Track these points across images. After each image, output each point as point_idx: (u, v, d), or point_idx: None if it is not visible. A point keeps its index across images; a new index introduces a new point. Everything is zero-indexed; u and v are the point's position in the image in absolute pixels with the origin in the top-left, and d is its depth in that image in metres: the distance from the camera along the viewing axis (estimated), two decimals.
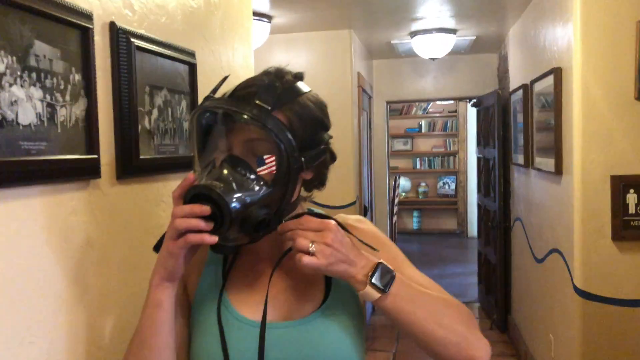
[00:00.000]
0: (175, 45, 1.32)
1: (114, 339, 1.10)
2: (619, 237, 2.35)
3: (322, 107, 0.96)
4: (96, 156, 1.02)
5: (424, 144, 9.22)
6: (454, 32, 4.23)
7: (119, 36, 1.10)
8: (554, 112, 2.69)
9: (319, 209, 1.03)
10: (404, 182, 9.10)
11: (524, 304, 3.79)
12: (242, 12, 1.84)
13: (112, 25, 1.09)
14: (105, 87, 1.08)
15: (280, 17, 3.67)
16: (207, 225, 0.81)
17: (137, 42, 1.15)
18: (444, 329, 0.88)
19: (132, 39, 1.13)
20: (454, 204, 9.05)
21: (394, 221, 6.46)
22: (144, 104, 1.19)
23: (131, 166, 1.14)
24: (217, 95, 0.92)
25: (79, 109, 0.98)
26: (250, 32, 1.92)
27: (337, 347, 0.91)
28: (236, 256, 1.00)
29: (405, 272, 0.96)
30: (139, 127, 1.16)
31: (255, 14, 2.78)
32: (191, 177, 0.85)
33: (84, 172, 1.00)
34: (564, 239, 2.67)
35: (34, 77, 0.88)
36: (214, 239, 0.81)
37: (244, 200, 0.83)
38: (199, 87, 1.44)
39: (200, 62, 1.46)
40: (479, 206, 5.24)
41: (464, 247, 8.01)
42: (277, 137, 0.84)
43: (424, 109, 9.14)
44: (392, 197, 6.26)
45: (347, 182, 4.05)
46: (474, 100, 5.24)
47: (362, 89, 4.54)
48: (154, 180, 1.26)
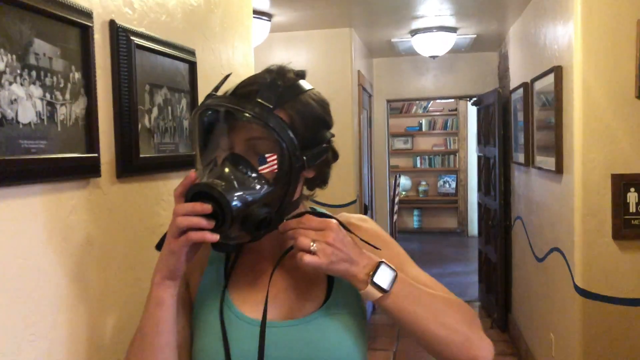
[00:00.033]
0: (175, 43, 1.32)
1: (114, 337, 1.09)
2: (620, 236, 2.35)
3: (324, 105, 0.95)
4: (96, 155, 1.02)
5: (425, 143, 9.21)
6: (454, 30, 4.22)
7: (118, 34, 1.10)
8: (555, 111, 2.69)
9: (322, 209, 1.03)
10: (405, 181, 9.10)
11: (525, 303, 3.79)
12: (242, 11, 1.84)
13: (112, 23, 1.09)
14: (105, 85, 1.08)
15: (280, 16, 3.67)
16: (209, 223, 0.81)
17: (137, 40, 1.14)
18: (446, 328, 0.87)
19: (132, 37, 1.13)
20: (454, 202, 9.05)
21: (394, 220, 6.45)
22: (144, 102, 1.19)
23: (131, 165, 1.14)
24: (219, 93, 0.92)
25: (78, 108, 0.98)
26: (250, 31, 1.92)
27: (339, 346, 0.90)
28: (238, 255, 1.00)
29: (407, 271, 0.95)
30: (139, 126, 1.16)
31: (255, 12, 2.77)
32: (193, 175, 0.85)
33: (84, 171, 1.00)
34: (564, 237, 2.67)
35: (34, 75, 0.87)
36: (215, 237, 0.81)
37: (245, 198, 0.83)
38: (199, 85, 1.43)
39: (200, 61, 1.46)
40: (480, 205, 5.24)
41: (465, 246, 8.01)
42: (279, 136, 0.84)
43: (424, 108, 9.14)
44: (392, 195, 6.26)
45: (347, 181, 4.04)
46: (475, 98, 5.24)
47: (362, 88, 4.53)
48: (154, 179, 1.26)
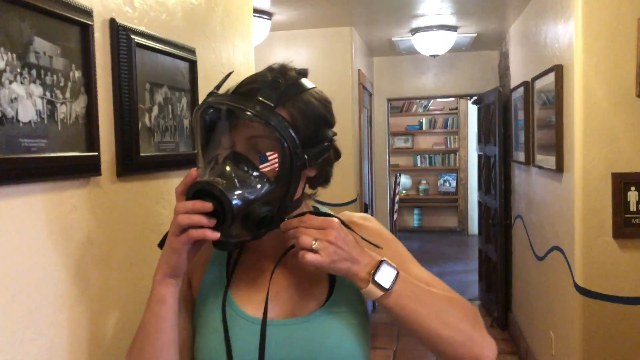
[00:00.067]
0: (175, 42, 1.32)
1: (115, 335, 1.09)
2: (620, 235, 2.35)
3: (326, 103, 0.95)
4: (96, 153, 1.02)
5: (425, 142, 9.21)
6: (454, 29, 4.22)
7: (119, 33, 1.10)
8: (555, 110, 2.69)
9: (325, 208, 1.03)
10: (405, 180, 9.09)
11: (525, 302, 3.79)
12: (242, 9, 1.84)
13: (112, 22, 1.09)
14: (105, 84, 1.07)
15: (280, 14, 3.67)
16: (209, 221, 0.81)
17: (137, 39, 1.14)
18: (448, 327, 0.87)
19: (132, 36, 1.13)
20: (454, 201, 9.05)
21: (395, 219, 6.46)
22: (144, 101, 1.19)
23: (131, 164, 1.14)
24: (221, 91, 0.92)
25: (79, 106, 0.98)
26: (250, 29, 1.92)
27: (340, 345, 0.90)
28: (240, 253, 1.00)
29: (410, 270, 0.95)
30: (139, 125, 1.16)
31: (255, 11, 2.77)
32: (194, 173, 0.85)
33: (84, 170, 1.00)
34: (564, 236, 2.67)
35: (34, 74, 0.87)
36: (215, 235, 0.81)
37: (246, 197, 0.83)
38: (200, 84, 1.43)
39: (200, 59, 1.46)
40: (480, 204, 5.24)
41: (465, 245, 8.01)
42: (280, 134, 0.84)
43: (425, 107, 9.14)
44: (392, 194, 6.26)
45: (347, 180, 4.04)
46: (475, 97, 5.23)
47: (363, 86, 4.53)
48: (155, 177, 1.26)
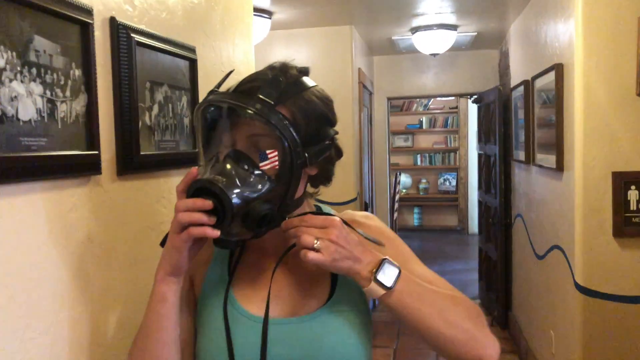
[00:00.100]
0: (175, 40, 1.32)
1: (116, 334, 1.09)
2: (620, 234, 2.35)
3: (327, 102, 0.95)
4: (97, 152, 1.02)
5: (425, 141, 9.21)
6: (454, 28, 4.22)
7: (119, 31, 1.09)
8: (555, 109, 2.69)
9: (327, 207, 1.03)
10: (405, 179, 9.10)
11: (525, 301, 3.79)
12: (242, 8, 1.84)
13: (112, 20, 1.09)
14: (105, 82, 1.07)
15: (280, 13, 3.67)
16: (210, 219, 0.81)
17: (137, 37, 1.14)
18: (451, 326, 0.87)
19: (132, 35, 1.13)
20: (454, 200, 9.05)
21: (395, 218, 6.46)
22: (144, 99, 1.19)
23: (132, 162, 1.13)
24: (221, 90, 0.92)
25: (79, 105, 0.98)
26: (250, 28, 1.91)
27: (342, 343, 0.90)
28: (242, 252, 1.00)
29: (412, 268, 0.95)
30: (140, 123, 1.16)
31: (255, 10, 2.77)
32: (194, 171, 0.85)
33: (84, 168, 1.00)
34: (565, 235, 2.67)
35: (34, 72, 0.87)
36: (216, 232, 0.81)
37: (246, 194, 0.83)
38: (200, 82, 1.43)
39: (200, 58, 1.45)
40: (480, 203, 5.24)
41: (465, 244, 8.01)
42: (280, 132, 0.84)
43: (425, 106, 9.13)
44: (392, 193, 6.26)
45: (347, 179, 4.04)
46: (475, 96, 5.23)
47: (363, 85, 4.53)
48: (155, 176, 1.26)
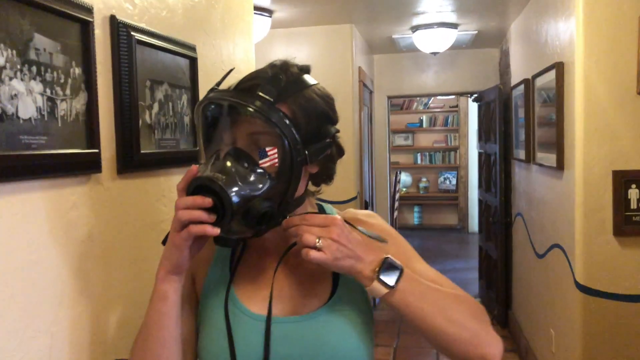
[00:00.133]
0: (176, 39, 1.32)
1: (116, 332, 1.10)
2: (621, 233, 2.35)
3: (328, 100, 0.95)
4: (97, 150, 1.02)
5: (425, 139, 9.20)
6: (455, 26, 4.21)
7: (119, 30, 1.09)
8: (556, 107, 2.69)
9: (330, 207, 1.03)
10: (405, 178, 9.09)
11: (525, 299, 3.79)
12: (242, 6, 1.83)
13: (112, 18, 1.09)
14: (105, 81, 1.07)
15: (280, 12, 3.66)
16: (209, 217, 0.81)
17: (137, 35, 1.14)
18: (454, 325, 0.86)
19: (132, 33, 1.12)
20: (454, 199, 9.05)
21: (395, 216, 6.46)
22: (144, 98, 1.19)
23: (132, 161, 1.13)
24: (222, 88, 0.92)
25: (79, 103, 0.98)
26: (251, 27, 1.91)
27: (343, 342, 0.90)
28: (244, 251, 1.00)
29: (415, 267, 0.95)
30: (140, 122, 1.16)
31: (255, 9, 2.77)
32: (194, 169, 0.85)
33: (84, 167, 1.00)
34: (565, 234, 2.67)
35: (34, 70, 0.87)
36: (216, 230, 0.81)
37: (246, 192, 0.82)
38: (200, 81, 1.43)
39: (201, 56, 1.45)
40: (480, 201, 5.24)
41: (465, 243, 8.01)
42: (280, 130, 0.84)
43: (425, 104, 9.13)
44: (392, 192, 6.26)
45: (348, 177, 4.04)
46: (475, 95, 5.23)
47: (363, 84, 4.52)
48: (155, 174, 1.26)
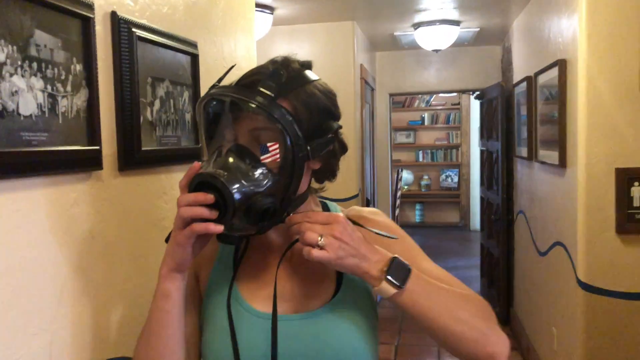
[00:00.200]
0: (177, 35, 1.31)
1: (117, 330, 1.09)
2: (623, 230, 2.34)
3: (330, 96, 0.94)
4: (98, 147, 1.01)
5: (427, 137, 9.19)
6: (457, 23, 4.20)
7: (120, 26, 1.09)
8: (558, 105, 2.68)
9: (334, 204, 1.02)
10: (407, 175, 9.08)
11: (527, 297, 3.79)
12: (244, 3, 1.83)
13: (113, 15, 1.08)
14: (106, 77, 1.07)
15: (282, 9, 3.65)
16: (211, 213, 0.80)
17: (138, 32, 1.14)
18: (462, 324, 0.86)
19: (133, 29, 1.12)
20: (456, 197, 9.04)
21: (396, 214, 6.45)
22: (145, 95, 1.18)
23: (133, 158, 1.13)
24: (223, 84, 0.91)
25: (80, 100, 0.98)
26: (252, 23, 1.91)
27: (346, 341, 0.90)
28: (247, 249, 1.00)
29: (421, 265, 0.94)
30: (141, 119, 1.16)
31: (257, 5, 2.76)
32: (196, 166, 0.84)
33: (85, 164, 0.99)
34: (567, 232, 2.66)
35: (35, 67, 0.87)
36: (219, 228, 0.81)
37: (248, 188, 0.82)
38: (201, 78, 1.43)
39: (202, 53, 1.45)
40: (482, 199, 5.23)
41: (467, 240, 8.00)
42: (282, 125, 0.83)
43: (427, 102, 9.11)
44: (394, 190, 6.26)
45: (349, 175, 4.04)
46: (477, 92, 5.22)
47: (365, 81, 4.52)
48: (157, 172, 1.25)
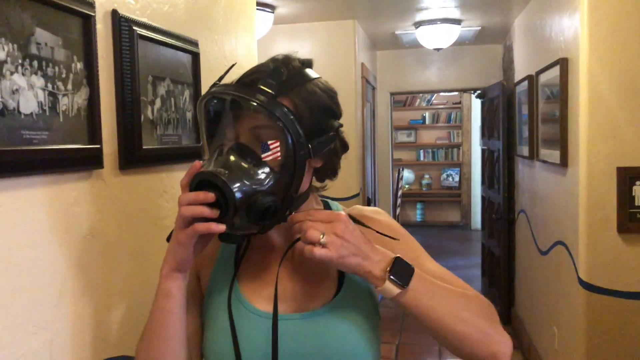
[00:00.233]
0: (178, 34, 1.31)
1: (118, 329, 1.09)
2: (625, 229, 2.34)
3: (331, 94, 0.94)
4: (98, 146, 1.01)
5: (428, 136, 9.18)
6: (458, 22, 4.19)
7: (121, 24, 1.09)
8: (560, 103, 2.67)
9: (336, 204, 1.02)
10: (408, 174, 9.08)
11: (528, 297, 3.79)
12: (245, 2, 1.82)
13: (114, 13, 1.08)
14: (107, 76, 1.07)
15: (283, 7, 3.65)
16: (212, 212, 0.80)
17: (139, 30, 1.13)
18: (464, 324, 0.85)
19: (134, 28, 1.12)
20: (457, 196, 9.03)
21: (397, 213, 6.45)
22: (146, 93, 1.18)
23: (134, 156, 1.13)
24: (225, 83, 0.91)
25: (81, 98, 0.97)
26: (253, 22, 1.90)
27: (347, 341, 0.90)
28: (248, 248, 0.99)
29: (423, 264, 0.94)
30: (142, 117, 1.15)
31: (258, 4, 2.76)
32: (197, 164, 0.84)
33: (86, 162, 0.99)
34: (568, 231, 2.66)
35: (36, 65, 0.86)
36: (221, 227, 0.80)
37: (249, 186, 0.82)
38: (202, 77, 1.42)
39: (203, 52, 1.45)
40: (483, 198, 5.23)
41: (468, 239, 8.00)
42: (282, 123, 0.83)
43: (428, 101, 9.10)
44: (395, 189, 6.25)
45: (350, 174, 4.03)
46: (479, 91, 5.21)
47: (366, 80, 4.51)
48: (157, 170, 1.25)
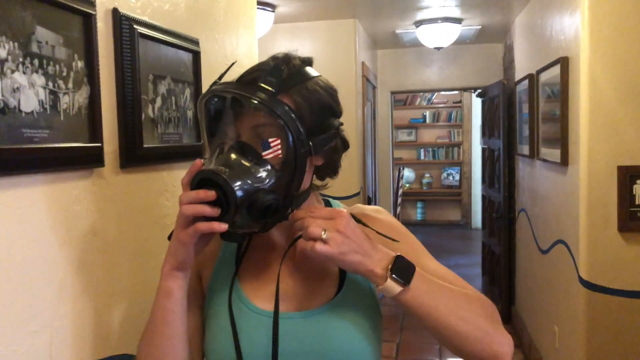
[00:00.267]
0: (178, 32, 1.31)
1: (119, 328, 1.09)
2: (625, 228, 2.33)
3: (331, 92, 0.94)
4: (99, 144, 1.01)
5: (428, 135, 9.18)
6: (459, 21, 4.19)
7: (122, 23, 1.08)
8: (560, 102, 2.67)
9: (337, 202, 1.02)
10: (408, 173, 9.08)
11: (528, 295, 3.79)
12: (246, 1, 1.82)
13: (115, 11, 1.08)
14: (108, 74, 1.07)
15: (284, 6, 3.65)
16: (213, 210, 0.80)
17: (140, 29, 1.13)
18: (466, 323, 0.85)
19: (135, 26, 1.12)
20: (458, 195, 9.03)
21: (398, 212, 6.45)
22: (147, 92, 1.18)
23: (135, 155, 1.13)
24: (225, 81, 0.91)
25: (81, 97, 0.97)
26: (254, 21, 1.90)
27: (348, 340, 0.90)
28: (249, 247, 0.99)
29: (424, 264, 0.94)
30: (143, 116, 1.15)
31: (259, 3, 2.76)
32: (198, 163, 0.84)
33: (87, 161, 0.99)
34: (569, 229, 2.66)
35: (36, 63, 0.86)
36: (223, 226, 0.80)
37: (250, 185, 0.82)
38: (203, 75, 1.42)
39: (204, 51, 1.45)
40: (484, 197, 5.23)
41: (468, 238, 8.00)
42: (283, 121, 0.83)
43: (428, 100, 9.10)
44: (396, 188, 6.25)
45: (351, 173, 4.03)
46: (479, 90, 5.21)
47: (367, 79, 4.51)
48: (158, 169, 1.25)
